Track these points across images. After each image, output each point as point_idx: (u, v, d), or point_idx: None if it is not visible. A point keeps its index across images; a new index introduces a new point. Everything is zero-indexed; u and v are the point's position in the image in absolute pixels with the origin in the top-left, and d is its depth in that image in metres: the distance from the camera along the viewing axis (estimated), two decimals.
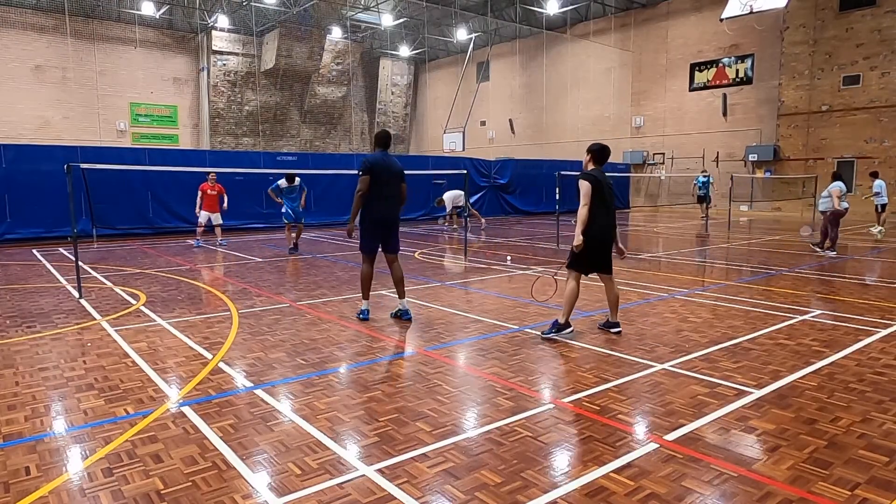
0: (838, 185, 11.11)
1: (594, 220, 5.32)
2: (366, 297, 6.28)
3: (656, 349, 5.10)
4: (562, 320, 5.43)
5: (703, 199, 20.94)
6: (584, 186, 5.30)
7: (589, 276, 5.63)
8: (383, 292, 7.62)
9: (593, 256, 5.44)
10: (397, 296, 6.25)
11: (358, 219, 6.09)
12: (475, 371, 4.58)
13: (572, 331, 5.47)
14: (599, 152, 5.48)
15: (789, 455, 3.16)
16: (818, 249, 11.45)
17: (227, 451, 3.23)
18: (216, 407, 3.84)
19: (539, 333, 5.59)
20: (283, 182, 11.98)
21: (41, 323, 6.15)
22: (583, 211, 5.27)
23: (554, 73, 30.78)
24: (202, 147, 30.46)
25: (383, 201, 5.99)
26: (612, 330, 5.68)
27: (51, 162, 13.60)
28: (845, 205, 11.17)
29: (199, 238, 13.08)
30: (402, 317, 6.17)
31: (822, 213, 11.40)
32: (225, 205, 13.10)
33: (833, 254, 11.14)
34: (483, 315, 6.44)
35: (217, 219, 12.94)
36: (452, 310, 6.70)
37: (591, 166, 5.52)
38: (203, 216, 12.83)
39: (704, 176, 21.13)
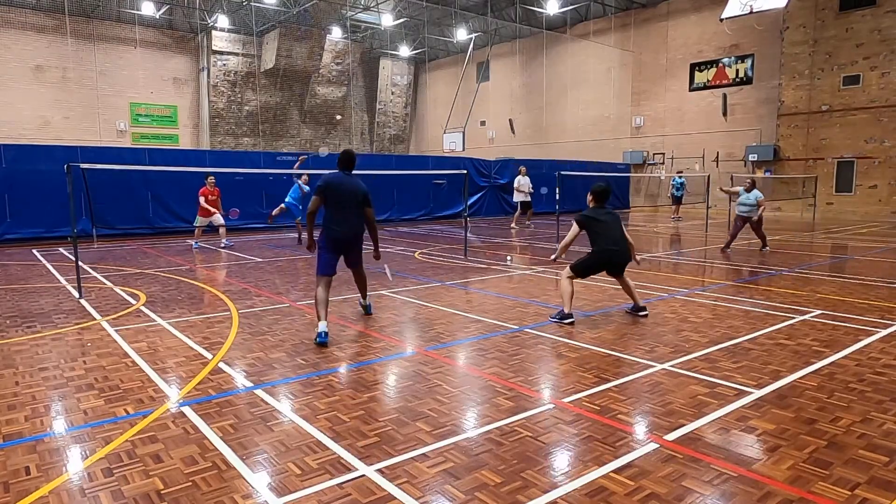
0: (761, 194, 11.56)
1: (595, 244, 6.17)
2: (322, 316, 5.52)
3: (656, 349, 5.10)
4: (566, 310, 6.01)
5: (678, 200, 20.96)
6: (573, 227, 6.19)
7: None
8: (383, 292, 7.63)
9: (594, 270, 6.24)
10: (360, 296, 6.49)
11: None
12: (475, 371, 4.58)
13: (573, 321, 5.98)
14: (601, 194, 6.22)
15: (789, 455, 3.16)
16: (765, 249, 11.83)
17: (227, 451, 3.23)
18: (216, 407, 3.84)
19: (534, 331, 5.60)
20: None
21: (41, 323, 6.15)
22: (565, 241, 6.26)
23: (554, 73, 30.77)
24: (202, 147, 30.45)
25: (340, 224, 5.67)
26: (640, 314, 6.26)
27: (51, 162, 13.59)
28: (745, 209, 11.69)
29: (197, 239, 12.95)
30: (367, 311, 6.49)
31: (744, 216, 11.63)
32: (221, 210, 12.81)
33: (725, 252, 11.66)
34: (483, 315, 6.44)
35: (218, 219, 12.72)
36: (452, 310, 6.70)
37: (592, 205, 6.26)
38: (203, 220, 12.63)
39: (680, 177, 21.14)
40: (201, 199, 12.53)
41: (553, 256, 6.57)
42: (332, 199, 5.66)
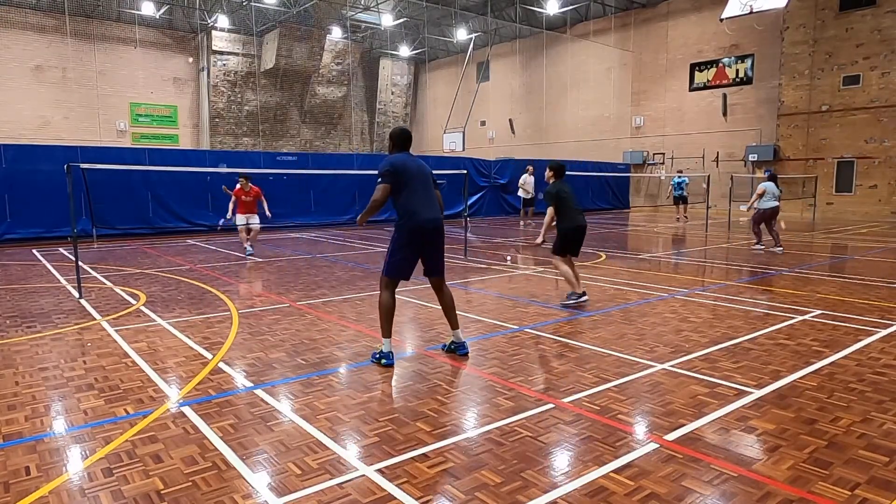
0: (764, 185, 11.54)
1: (566, 219, 6.77)
2: (387, 333, 4.73)
3: (656, 349, 5.10)
4: (578, 290, 6.78)
5: (680, 200, 20.84)
6: (549, 211, 6.87)
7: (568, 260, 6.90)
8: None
9: (571, 245, 6.92)
10: (449, 326, 4.99)
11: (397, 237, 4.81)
12: (475, 371, 4.58)
13: (587, 298, 6.84)
14: (560, 169, 6.93)
15: (789, 455, 3.16)
16: (774, 248, 11.70)
17: (227, 451, 3.23)
18: (216, 407, 3.84)
19: (532, 331, 5.60)
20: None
21: (41, 323, 6.15)
22: (547, 218, 6.91)
23: (554, 73, 30.77)
24: (202, 147, 30.44)
25: (425, 208, 4.69)
26: (582, 300, 6.75)
27: (51, 162, 13.59)
28: (774, 203, 11.58)
29: (247, 244, 11.62)
30: (458, 351, 4.92)
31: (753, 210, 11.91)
32: (267, 211, 11.55)
33: (780, 250, 11.54)
34: (483, 315, 6.44)
35: (254, 221, 11.67)
36: None
37: (552, 180, 6.89)
38: (240, 219, 11.54)
39: (680, 177, 21.06)
40: (232, 199, 11.59)
41: (538, 240, 6.94)
42: (407, 181, 4.67)
